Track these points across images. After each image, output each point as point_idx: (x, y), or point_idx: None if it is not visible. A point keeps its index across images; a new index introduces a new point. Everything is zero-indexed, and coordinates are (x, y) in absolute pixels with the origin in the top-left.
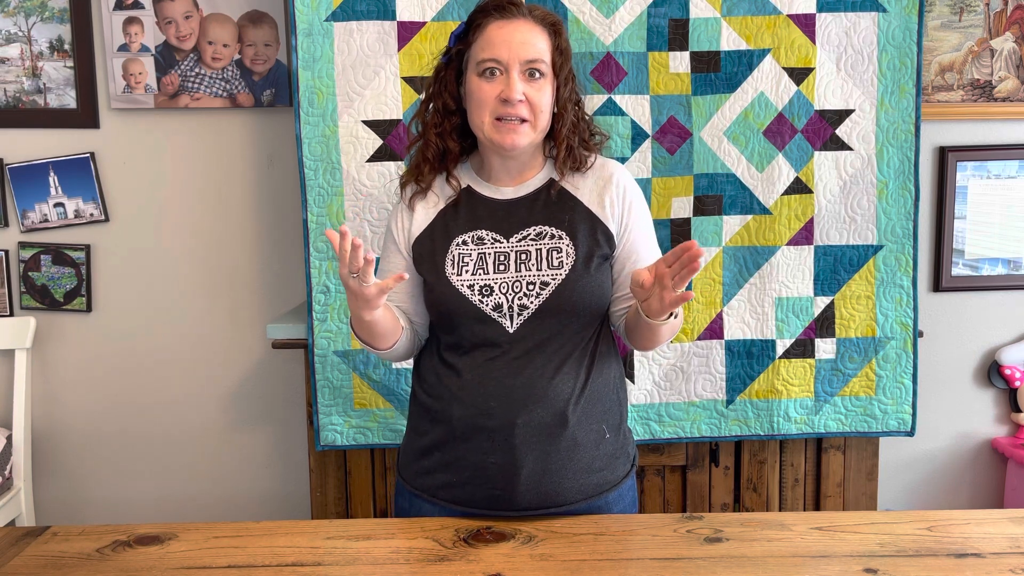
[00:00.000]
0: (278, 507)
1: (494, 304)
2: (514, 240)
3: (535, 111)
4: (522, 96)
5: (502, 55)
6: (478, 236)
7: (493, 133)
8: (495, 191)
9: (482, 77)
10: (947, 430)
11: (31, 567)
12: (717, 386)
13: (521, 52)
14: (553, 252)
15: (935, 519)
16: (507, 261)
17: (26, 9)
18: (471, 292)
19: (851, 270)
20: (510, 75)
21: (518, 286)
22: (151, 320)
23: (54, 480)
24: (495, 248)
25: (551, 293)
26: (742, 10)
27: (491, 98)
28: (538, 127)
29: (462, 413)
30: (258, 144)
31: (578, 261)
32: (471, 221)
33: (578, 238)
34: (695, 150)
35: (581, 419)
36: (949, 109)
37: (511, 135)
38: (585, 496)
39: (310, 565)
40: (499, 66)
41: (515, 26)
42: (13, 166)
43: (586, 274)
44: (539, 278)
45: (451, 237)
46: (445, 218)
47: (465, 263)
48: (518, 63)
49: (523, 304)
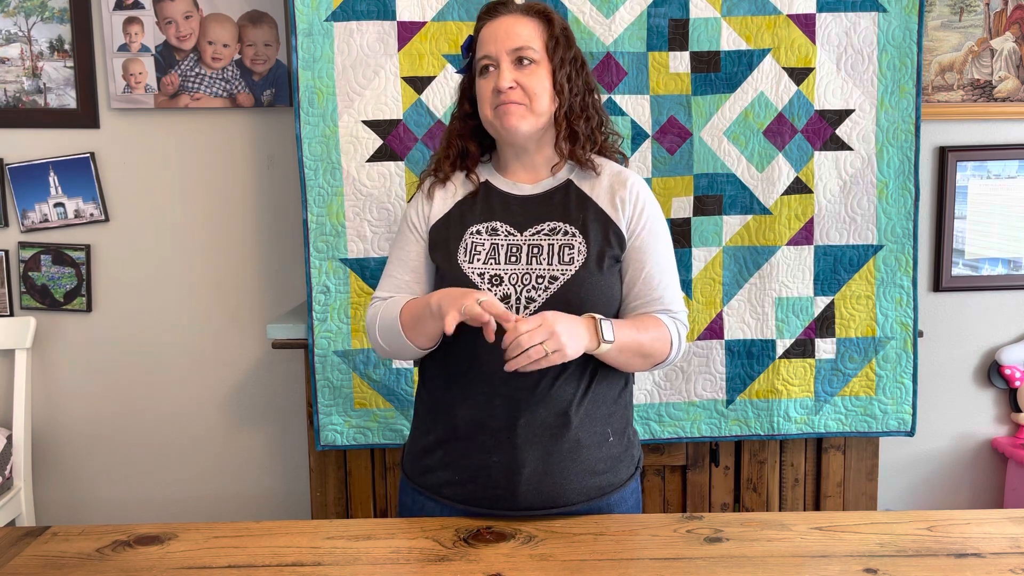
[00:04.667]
0: (278, 507)
1: (502, 295)
2: (527, 234)
3: (529, 95)
4: (512, 83)
5: (491, 50)
6: (492, 227)
7: (495, 119)
8: (513, 186)
9: (480, 76)
10: (947, 430)
11: (31, 567)
12: (717, 386)
13: (506, 42)
14: (565, 248)
15: (935, 519)
16: (519, 253)
17: (26, 9)
18: (480, 280)
19: (851, 270)
20: (500, 67)
21: (528, 278)
22: (151, 320)
23: (54, 480)
24: (508, 240)
25: (560, 288)
26: (742, 10)
27: (488, 92)
28: (535, 109)
29: (464, 413)
30: (258, 144)
31: (590, 259)
32: (487, 212)
33: (591, 237)
34: (695, 150)
35: (584, 420)
36: (949, 109)
37: (509, 117)
38: (587, 498)
39: (310, 565)
40: (491, 62)
41: (500, 21)
42: (13, 166)
43: (597, 272)
44: (549, 272)
45: (466, 226)
46: (462, 208)
47: (477, 252)
48: (506, 53)
49: (531, 296)
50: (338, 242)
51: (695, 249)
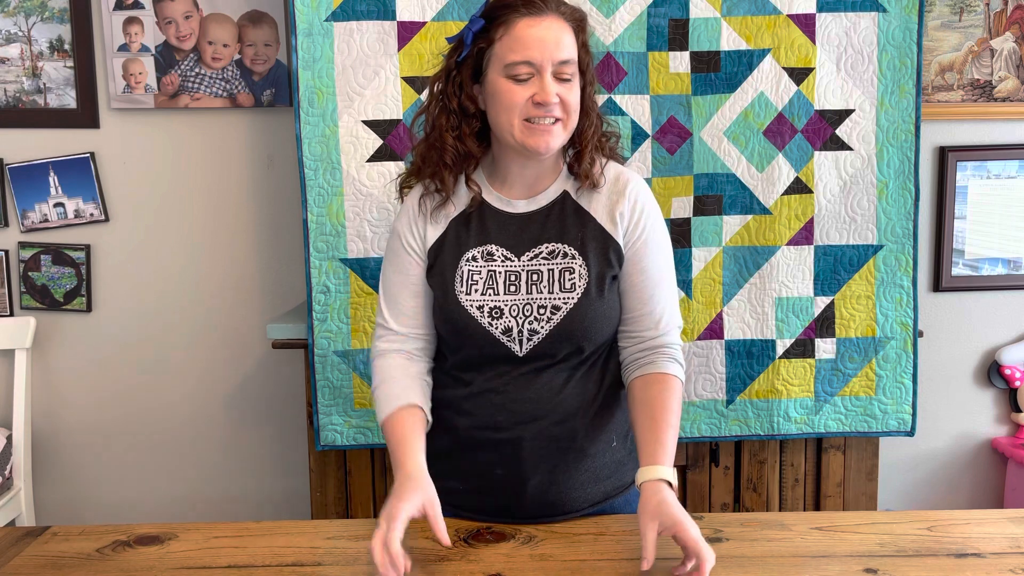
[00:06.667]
0: (278, 507)
1: (504, 328)
2: (525, 259)
3: (568, 110)
4: (556, 98)
5: (535, 56)
6: (488, 252)
7: (525, 137)
8: (507, 204)
9: (511, 79)
10: (947, 430)
11: (31, 567)
12: (717, 386)
13: (555, 52)
14: (565, 273)
15: (935, 519)
16: (518, 281)
17: (26, 9)
18: (480, 314)
19: (851, 270)
20: (543, 76)
21: (529, 309)
22: (151, 320)
23: (54, 480)
24: (505, 266)
25: (563, 318)
26: (742, 10)
27: (522, 101)
28: (569, 126)
29: (468, 424)
30: (258, 144)
31: (591, 284)
32: (482, 234)
33: (590, 258)
34: (695, 150)
35: (589, 431)
36: (949, 109)
37: (544, 137)
38: (592, 503)
39: (310, 565)
40: (530, 68)
41: (547, 24)
42: (13, 166)
43: (599, 299)
44: (551, 301)
45: (461, 251)
46: (457, 229)
47: (475, 281)
48: (551, 63)
49: (533, 329)
50: (338, 242)
51: (695, 249)
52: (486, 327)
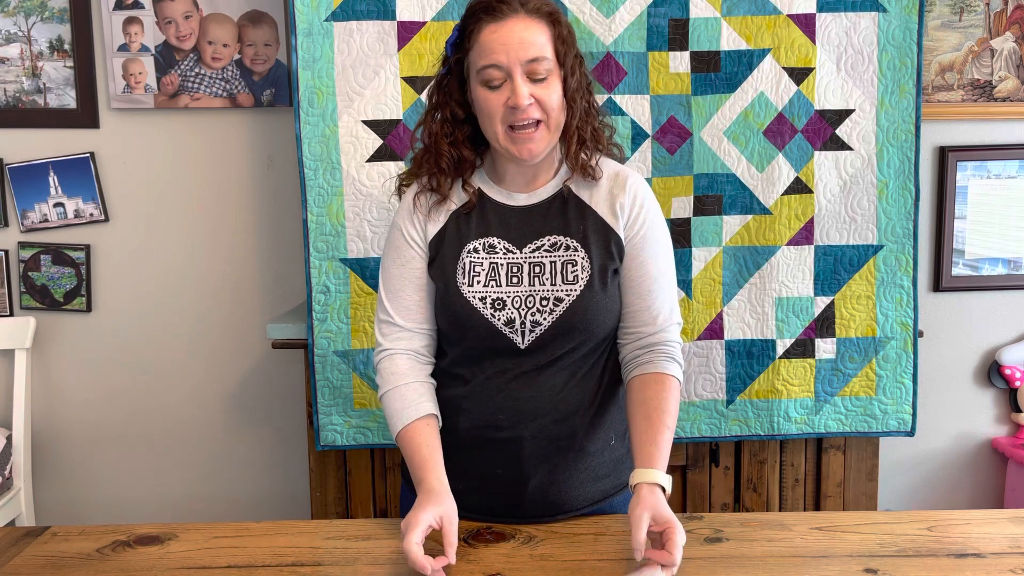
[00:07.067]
0: (278, 507)
1: (506, 319)
2: (527, 251)
3: (547, 110)
4: (530, 99)
5: (501, 60)
6: (489, 244)
7: (509, 144)
8: (508, 197)
9: (485, 87)
10: (947, 430)
11: (31, 567)
12: (717, 386)
13: (521, 53)
14: (568, 265)
15: (935, 519)
16: (520, 273)
17: (26, 9)
18: (483, 305)
19: (851, 270)
20: (514, 79)
21: (531, 300)
22: (151, 320)
23: (54, 480)
24: (507, 259)
25: (565, 310)
26: (742, 10)
27: (499, 107)
28: (552, 125)
29: (469, 424)
30: (258, 144)
31: (593, 276)
32: (483, 227)
33: (592, 251)
34: (695, 150)
35: (589, 430)
36: (949, 109)
37: (527, 145)
38: (591, 502)
39: (310, 565)
40: (500, 72)
41: (509, 26)
42: (13, 166)
43: (601, 291)
44: (553, 293)
45: (462, 243)
46: (458, 222)
47: (476, 273)
48: (519, 65)
49: (536, 320)
50: (338, 242)
51: (695, 249)
52: (488, 318)
